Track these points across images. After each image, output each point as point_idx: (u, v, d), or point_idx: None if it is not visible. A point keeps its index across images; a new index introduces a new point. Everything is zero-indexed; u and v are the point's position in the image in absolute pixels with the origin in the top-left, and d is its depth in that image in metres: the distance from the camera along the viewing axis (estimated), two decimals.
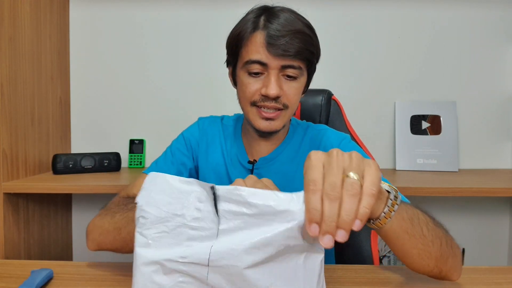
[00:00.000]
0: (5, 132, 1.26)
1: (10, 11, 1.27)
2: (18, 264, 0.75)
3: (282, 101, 0.74)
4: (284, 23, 0.72)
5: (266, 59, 0.72)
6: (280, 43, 0.70)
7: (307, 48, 0.73)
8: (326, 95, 1.14)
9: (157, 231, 0.50)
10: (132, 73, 1.67)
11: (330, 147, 0.84)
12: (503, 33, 1.61)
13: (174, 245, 0.49)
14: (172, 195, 0.50)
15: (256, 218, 0.47)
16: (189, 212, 0.49)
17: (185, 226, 0.49)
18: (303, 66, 0.75)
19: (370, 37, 1.63)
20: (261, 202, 0.47)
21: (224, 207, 0.49)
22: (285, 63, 0.72)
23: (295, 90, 0.75)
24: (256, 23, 0.74)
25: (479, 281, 0.67)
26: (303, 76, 0.77)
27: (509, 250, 1.65)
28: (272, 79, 0.72)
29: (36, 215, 1.44)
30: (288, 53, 0.71)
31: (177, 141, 0.92)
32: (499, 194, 1.24)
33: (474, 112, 1.63)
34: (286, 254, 0.47)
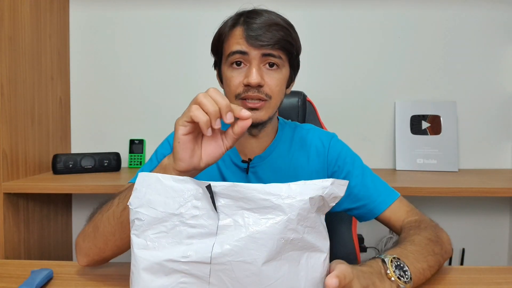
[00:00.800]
0: (5, 132, 1.26)
1: (10, 11, 1.27)
2: (18, 264, 0.75)
3: (265, 91, 0.76)
4: (262, 18, 0.76)
5: (246, 48, 0.75)
6: (258, 33, 0.74)
7: (284, 38, 0.75)
8: (302, 97, 1.19)
9: (155, 232, 0.49)
10: (132, 73, 1.67)
11: (321, 145, 0.87)
12: (503, 33, 1.61)
13: (174, 245, 0.48)
14: (167, 194, 0.50)
15: (255, 212, 0.47)
16: (186, 211, 0.49)
17: (184, 225, 0.48)
18: (283, 56, 0.77)
19: (370, 37, 1.63)
20: (259, 195, 0.47)
21: (222, 203, 0.49)
22: (265, 52, 0.74)
23: (276, 80, 0.77)
24: (236, 20, 0.79)
25: (479, 281, 0.67)
26: (285, 68, 0.79)
27: (509, 250, 1.65)
28: (253, 68, 0.74)
29: (36, 215, 1.44)
30: (266, 42, 0.74)
31: (161, 147, 0.93)
32: (499, 194, 1.24)
33: (474, 112, 1.63)
34: (289, 252, 0.47)
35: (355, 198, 0.83)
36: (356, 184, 0.83)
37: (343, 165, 0.85)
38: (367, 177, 0.84)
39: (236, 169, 0.86)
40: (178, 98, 1.66)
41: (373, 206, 0.81)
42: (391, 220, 0.80)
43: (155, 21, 1.65)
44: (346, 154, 0.86)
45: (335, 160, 0.85)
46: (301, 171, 0.86)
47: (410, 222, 0.76)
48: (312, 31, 1.62)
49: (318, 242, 0.49)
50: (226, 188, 0.49)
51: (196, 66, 1.65)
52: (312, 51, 1.61)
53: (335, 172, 0.85)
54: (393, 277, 0.56)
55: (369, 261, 0.59)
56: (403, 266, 0.58)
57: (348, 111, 1.64)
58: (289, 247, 0.47)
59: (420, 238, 0.67)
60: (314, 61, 1.61)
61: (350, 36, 1.63)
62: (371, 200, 0.81)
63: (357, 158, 0.88)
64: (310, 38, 1.62)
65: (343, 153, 0.86)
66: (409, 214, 0.78)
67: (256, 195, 0.47)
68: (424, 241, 0.66)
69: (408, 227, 0.74)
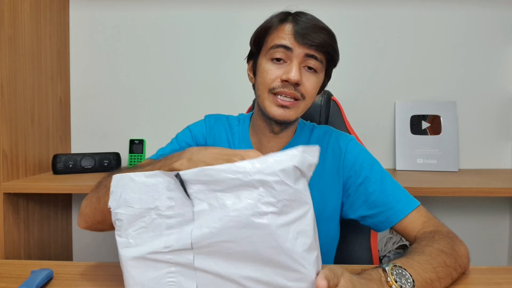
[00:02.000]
0: (5, 132, 1.26)
1: (10, 11, 1.27)
2: (18, 264, 0.75)
3: (301, 90, 0.76)
4: (311, 19, 0.77)
5: (292, 45, 0.74)
6: (307, 32, 0.74)
7: (331, 43, 0.76)
8: (326, 96, 1.14)
9: (135, 229, 0.51)
10: (132, 73, 1.67)
11: (338, 149, 0.85)
12: (503, 33, 1.61)
13: (155, 237, 0.50)
14: (141, 191, 0.51)
15: (228, 192, 0.48)
16: (161, 203, 0.50)
17: (162, 217, 0.50)
18: (324, 61, 0.78)
19: (370, 37, 1.63)
20: (228, 176, 0.48)
21: (194, 189, 0.49)
22: (310, 52, 0.75)
23: (313, 83, 0.77)
24: (284, 17, 0.79)
25: (479, 281, 0.67)
26: (322, 73, 0.79)
27: (509, 250, 1.65)
28: (294, 66, 0.74)
29: (36, 215, 1.44)
30: (314, 43, 0.74)
31: (182, 134, 0.92)
32: (499, 194, 1.24)
33: (474, 112, 1.63)
34: (268, 222, 0.47)
35: (372, 205, 0.79)
36: (375, 190, 0.80)
37: (360, 170, 0.82)
38: (386, 183, 0.81)
39: None
40: (178, 98, 1.66)
41: (391, 214, 0.78)
42: (406, 230, 0.77)
43: (155, 21, 1.65)
44: (363, 158, 0.83)
45: (351, 164, 0.83)
46: (315, 175, 0.82)
47: (425, 233, 0.72)
48: None
49: (300, 210, 0.48)
50: (195, 174, 0.49)
51: (196, 66, 1.65)
52: None
53: (351, 177, 0.82)
54: (394, 284, 0.54)
55: (369, 271, 0.57)
56: (405, 274, 0.56)
57: (348, 111, 1.64)
58: (268, 218, 0.47)
59: (431, 249, 0.64)
60: None
61: (350, 36, 1.63)
62: (388, 207, 0.78)
63: (375, 163, 0.84)
64: None
65: (360, 157, 0.83)
66: (425, 225, 0.75)
67: (225, 175, 0.48)
68: (435, 252, 0.63)
69: (421, 238, 0.71)
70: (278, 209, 0.47)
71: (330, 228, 0.86)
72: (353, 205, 0.83)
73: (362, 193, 0.81)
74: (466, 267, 0.69)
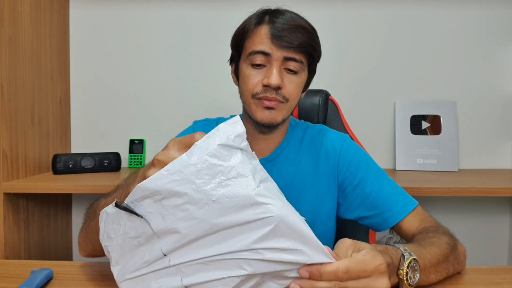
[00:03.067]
0: (5, 132, 1.26)
1: (10, 11, 1.27)
2: (18, 264, 0.75)
3: (283, 93, 0.75)
4: (288, 19, 0.75)
5: (270, 49, 0.74)
6: (284, 35, 0.73)
7: (309, 42, 0.75)
8: (324, 96, 1.14)
9: (118, 255, 0.56)
10: (132, 73, 1.67)
11: (332, 148, 0.84)
12: (503, 33, 1.61)
13: (133, 257, 0.55)
14: (113, 221, 0.56)
15: (171, 196, 0.50)
16: (126, 228, 0.54)
17: (131, 239, 0.54)
18: (304, 61, 0.77)
19: (370, 37, 1.63)
20: (163, 181, 0.49)
21: (140, 209, 0.52)
22: (288, 55, 0.74)
23: (295, 84, 0.76)
24: (261, 18, 0.77)
25: (479, 281, 0.67)
26: (304, 72, 0.78)
27: (509, 250, 1.65)
28: (274, 70, 0.73)
29: (36, 215, 1.44)
30: (292, 45, 0.73)
31: (186, 133, 0.91)
32: (499, 194, 1.24)
33: (474, 112, 1.63)
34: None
35: (370, 206, 0.79)
36: (372, 191, 0.79)
37: (356, 170, 0.81)
38: (383, 184, 0.80)
39: None
40: (178, 98, 1.66)
41: (389, 216, 0.77)
42: (404, 230, 0.76)
43: (155, 21, 1.65)
44: (359, 158, 0.83)
45: (347, 165, 0.82)
46: (309, 175, 0.83)
47: (427, 227, 0.73)
48: None
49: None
50: (132, 196, 0.51)
51: (196, 66, 1.65)
52: None
53: (347, 178, 0.81)
54: (402, 275, 0.55)
55: (388, 247, 0.57)
56: (417, 270, 0.56)
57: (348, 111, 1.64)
58: (219, 192, 0.49)
59: (440, 242, 0.65)
60: None
61: (350, 36, 1.63)
62: (386, 209, 0.77)
63: (371, 162, 0.84)
64: None
65: (356, 157, 0.83)
66: (423, 222, 0.75)
67: (160, 183, 0.49)
68: (444, 245, 0.64)
69: (425, 231, 0.71)
70: (223, 185, 0.48)
71: (327, 229, 0.85)
72: (350, 206, 0.82)
73: (359, 194, 0.80)
74: (463, 266, 0.69)
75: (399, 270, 0.55)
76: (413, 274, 0.56)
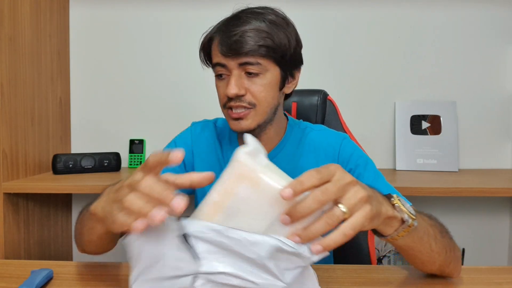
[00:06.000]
0: (5, 132, 1.26)
1: (10, 11, 1.27)
2: (18, 264, 0.75)
3: (247, 99, 0.75)
4: (239, 24, 0.74)
5: (224, 60, 0.74)
6: (230, 43, 0.72)
7: (259, 44, 0.72)
8: (322, 95, 1.15)
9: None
10: (132, 73, 1.67)
11: (331, 147, 0.84)
12: (503, 33, 1.61)
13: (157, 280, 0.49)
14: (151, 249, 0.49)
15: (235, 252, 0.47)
16: (169, 262, 0.49)
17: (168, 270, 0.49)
18: (262, 61, 0.74)
19: (370, 37, 1.63)
20: (237, 236, 0.47)
21: (203, 249, 0.48)
22: (241, 61, 0.73)
23: (259, 86, 0.75)
24: (217, 28, 0.78)
25: (479, 281, 0.67)
26: (270, 71, 0.75)
27: (509, 250, 1.65)
28: (232, 79, 0.73)
29: (36, 215, 1.44)
30: (238, 51, 0.72)
31: (168, 148, 0.92)
32: (499, 194, 1.24)
33: (474, 112, 1.63)
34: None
35: None
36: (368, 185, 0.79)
37: (354, 167, 0.81)
38: (378, 181, 0.80)
39: None
40: (178, 97, 1.66)
41: None
42: None
43: (155, 21, 1.65)
44: (357, 156, 0.83)
45: (346, 162, 0.82)
46: None
47: None
48: (311, 31, 1.62)
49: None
50: (201, 231, 0.48)
51: (196, 66, 1.65)
52: (311, 51, 1.61)
53: None
54: (397, 203, 0.53)
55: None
56: (407, 205, 0.54)
57: (348, 111, 1.64)
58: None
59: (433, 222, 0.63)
60: (313, 61, 1.61)
61: (350, 36, 1.63)
62: None
63: (370, 161, 0.84)
64: (310, 39, 1.61)
65: (355, 155, 0.83)
66: None
67: (234, 237, 0.47)
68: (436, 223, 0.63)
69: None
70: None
71: None
72: None
73: None
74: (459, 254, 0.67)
75: (391, 201, 0.53)
76: (408, 206, 0.54)
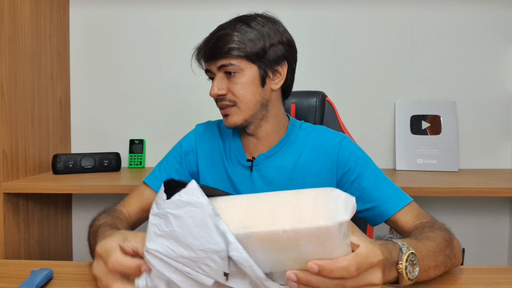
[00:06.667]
0: (5, 132, 1.26)
1: (10, 11, 1.27)
2: (18, 264, 0.75)
3: (228, 98, 0.82)
4: (214, 31, 0.84)
5: (207, 66, 0.85)
6: (206, 48, 0.83)
7: (229, 46, 0.79)
8: (320, 97, 1.16)
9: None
10: (132, 73, 1.67)
11: (331, 146, 0.86)
12: (503, 33, 1.61)
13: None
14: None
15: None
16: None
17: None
18: (235, 61, 0.80)
19: (370, 37, 1.63)
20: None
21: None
22: (218, 64, 0.81)
23: (238, 85, 0.81)
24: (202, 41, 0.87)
25: (479, 281, 0.67)
26: (247, 69, 0.81)
27: (509, 250, 1.65)
28: (214, 82, 0.83)
29: (36, 215, 1.44)
30: (213, 56, 0.81)
31: (174, 150, 0.96)
32: (499, 194, 1.24)
33: (474, 112, 1.63)
34: None
35: (367, 199, 0.82)
36: (368, 185, 0.82)
37: (354, 166, 0.84)
38: (380, 179, 0.83)
39: (241, 167, 0.89)
40: (178, 97, 1.66)
41: (384, 208, 0.80)
42: (400, 224, 0.79)
43: (155, 21, 1.65)
44: (358, 155, 0.86)
45: (346, 161, 0.85)
46: (308, 170, 0.86)
47: (423, 223, 0.75)
48: (311, 31, 1.62)
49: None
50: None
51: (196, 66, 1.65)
52: (311, 51, 1.61)
53: (346, 173, 0.85)
54: (402, 269, 0.55)
55: (386, 243, 0.57)
56: (416, 264, 0.58)
57: (348, 111, 1.64)
58: None
59: (436, 236, 0.66)
60: (313, 61, 1.61)
61: (350, 36, 1.63)
62: (382, 202, 0.80)
63: (369, 160, 0.87)
64: (310, 39, 1.62)
65: (354, 154, 0.86)
66: (419, 217, 0.78)
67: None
68: (439, 239, 0.66)
69: (421, 227, 0.73)
70: None
71: None
72: None
73: (356, 189, 0.83)
74: (460, 259, 0.70)
75: (398, 264, 0.56)
76: (412, 268, 0.57)
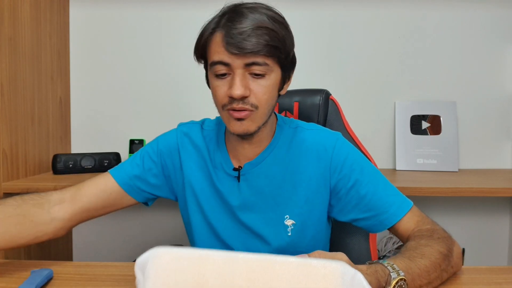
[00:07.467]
0: (5, 132, 1.26)
1: (10, 11, 1.27)
2: (18, 264, 0.75)
3: (250, 101, 0.70)
4: (244, 20, 0.69)
5: (228, 58, 0.69)
6: (238, 40, 0.67)
7: (268, 43, 0.68)
8: (324, 95, 1.12)
9: None
10: (132, 73, 1.67)
11: (323, 149, 0.79)
12: (503, 33, 1.61)
13: None
14: None
15: None
16: None
17: None
18: (269, 61, 0.70)
19: (370, 37, 1.63)
20: None
21: None
22: (248, 61, 0.69)
23: (264, 88, 0.71)
24: (217, 23, 0.73)
25: (479, 281, 0.67)
26: (273, 72, 0.72)
27: (509, 250, 1.65)
28: (237, 79, 0.69)
29: None
30: (247, 50, 0.67)
31: (150, 147, 0.88)
32: (499, 194, 1.24)
33: (474, 112, 1.63)
34: None
35: (365, 208, 0.77)
36: (367, 192, 0.76)
37: (350, 172, 0.77)
38: (378, 185, 0.78)
39: (228, 177, 0.81)
40: (178, 97, 1.66)
41: (384, 218, 0.75)
42: (400, 230, 0.76)
43: (155, 21, 1.65)
44: (352, 159, 0.79)
45: (341, 166, 0.78)
46: (298, 176, 0.79)
47: (422, 231, 0.71)
48: (311, 31, 1.62)
49: None
50: None
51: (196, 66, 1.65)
52: (311, 51, 1.61)
53: (340, 181, 0.78)
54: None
55: (378, 269, 0.57)
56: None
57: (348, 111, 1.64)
58: None
59: (431, 251, 0.64)
60: (313, 61, 1.61)
61: (350, 36, 1.63)
62: (382, 211, 0.75)
63: (365, 162, 0.81)
64: (310, 38, 1.61)
65: (349, 158, 0.79)
66: (419, 224, 0.74)
67: None
68: (435, 255, 0.63)
69: (419, 235, 0.70)
70: None
71: (318, 230, 0.83)
72: (344, 209, 0.80)
73: (353, 197, 0.78)
74: (458, 267, 0.69)
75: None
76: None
